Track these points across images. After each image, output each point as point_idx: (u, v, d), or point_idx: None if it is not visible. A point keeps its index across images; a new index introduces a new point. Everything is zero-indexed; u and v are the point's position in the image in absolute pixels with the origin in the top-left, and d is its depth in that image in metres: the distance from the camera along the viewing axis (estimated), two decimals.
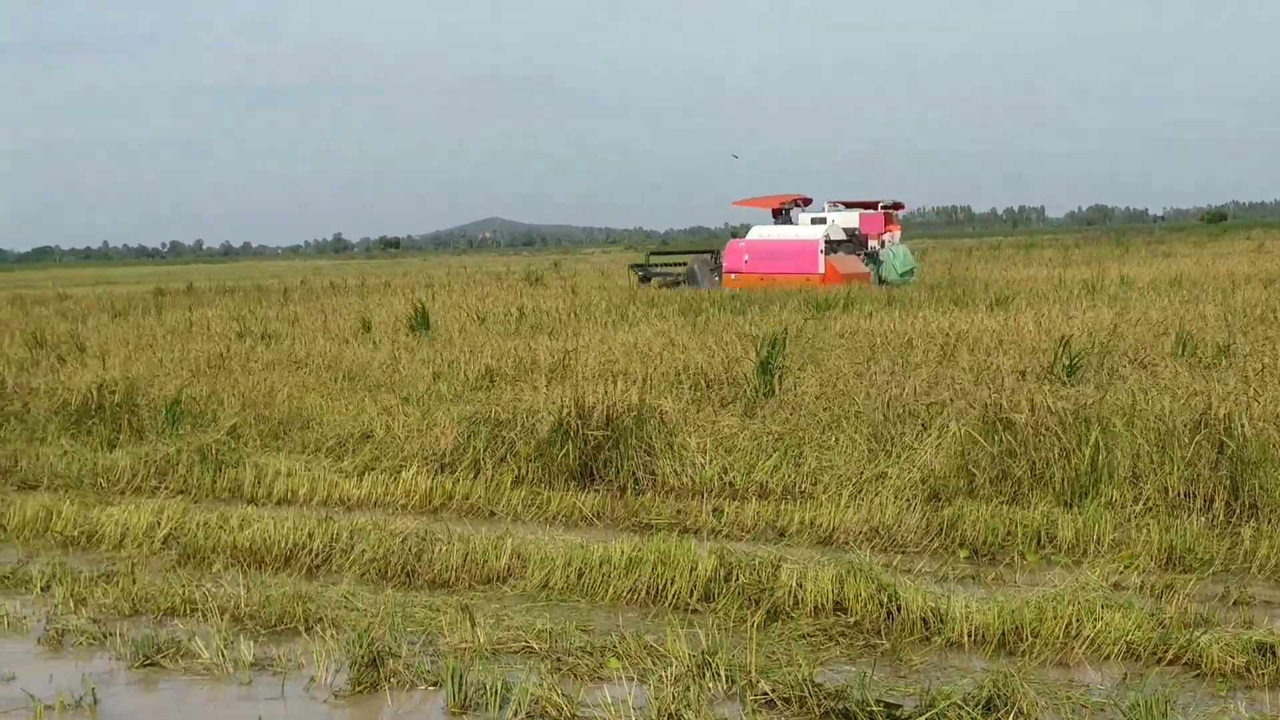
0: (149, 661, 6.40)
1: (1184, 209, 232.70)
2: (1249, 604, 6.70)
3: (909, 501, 8.63)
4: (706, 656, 5.79)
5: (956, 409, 9.79)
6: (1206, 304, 18.80)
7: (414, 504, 9.78)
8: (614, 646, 6.15)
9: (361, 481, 10.27)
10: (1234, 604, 6.69)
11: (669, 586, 7.08)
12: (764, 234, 35.39)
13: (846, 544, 7.96)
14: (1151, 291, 23.02)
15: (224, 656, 6.34)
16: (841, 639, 6.31)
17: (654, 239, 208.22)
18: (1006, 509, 8.28)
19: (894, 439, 9.57)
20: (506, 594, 7.38)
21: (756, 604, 6.74)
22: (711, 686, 5.61)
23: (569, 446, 9.93)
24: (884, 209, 36.91)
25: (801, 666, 5.66)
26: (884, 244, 35.65)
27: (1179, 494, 8.27)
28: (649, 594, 7.11)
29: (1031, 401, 9.23)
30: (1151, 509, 8.11)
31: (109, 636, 6.80)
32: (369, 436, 11.36)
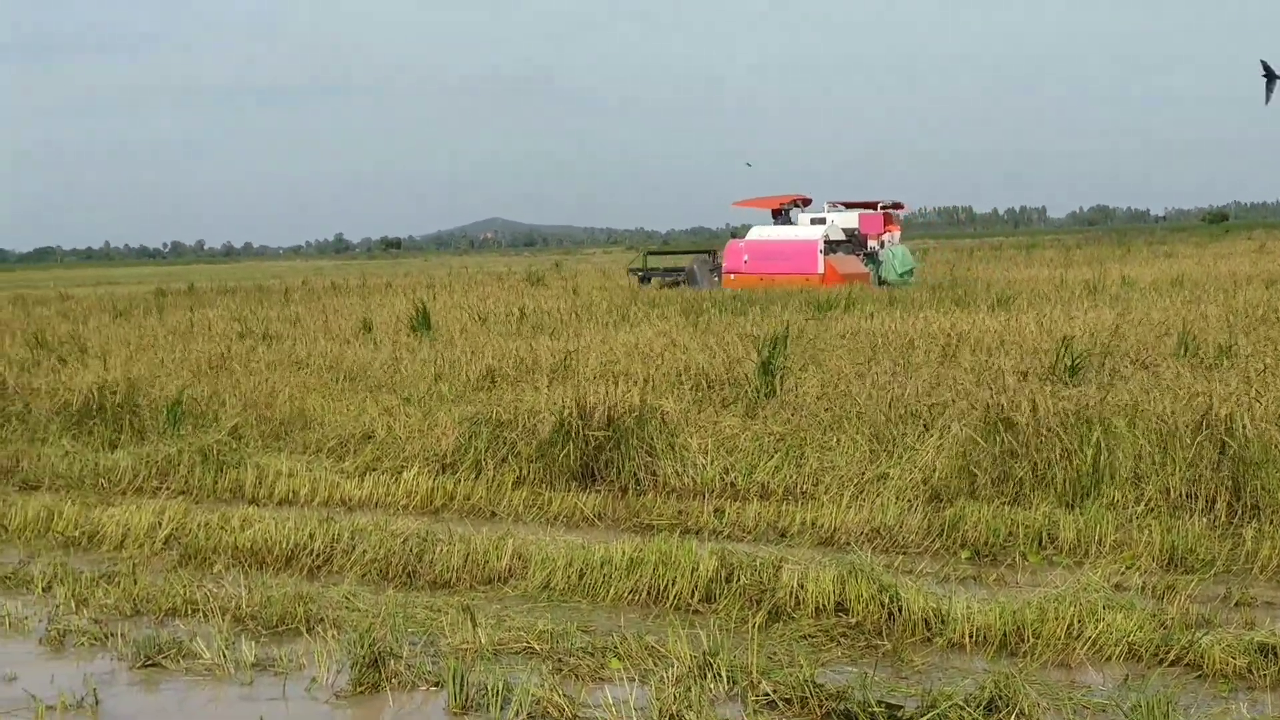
0: (150, 662, 6.41)
1: (1186, 209, 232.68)
2: (1251, 605, 6.70)
3: (910, 502, 8.62)
4: (708, 657, 5.79)
5: (958, 410, 9.78)
6: (1208, 304, 18.79)
7: (415, 504, 9.78)
8: (615, 647, 6.15)
9: (363, 482, 10.28)
10: (1236, 605, 6.68)
11: (670, 587, 7.08)
12: (763, 234, 35.42)
13: (848, 545, 7.96)
14: (1153, 292, 23.02)
15: (225, 657, 6.34)
16: (843, 640, 6.31)
17: (655, 239, 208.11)
18: (1008, 510, 8.28)
19: (895, 440, 9.57)
20: (508, 594, 7.37)
21: (758, 605, 6.73)
22: (713, 687, 5.61)
23: (570, 447, 9.93)
24: (883, 209, 36.96)
25: (803, 667, 5.66)
26: (883, 244, 35.70)
27: (1181, 495, 8.26)
28: (650, 595, 7.11)
29: (1033, 402, 9.22)
30: (1153, 510, 8.11)
31: (110, 637, 6.80)
32: (370, 437, 11.36)
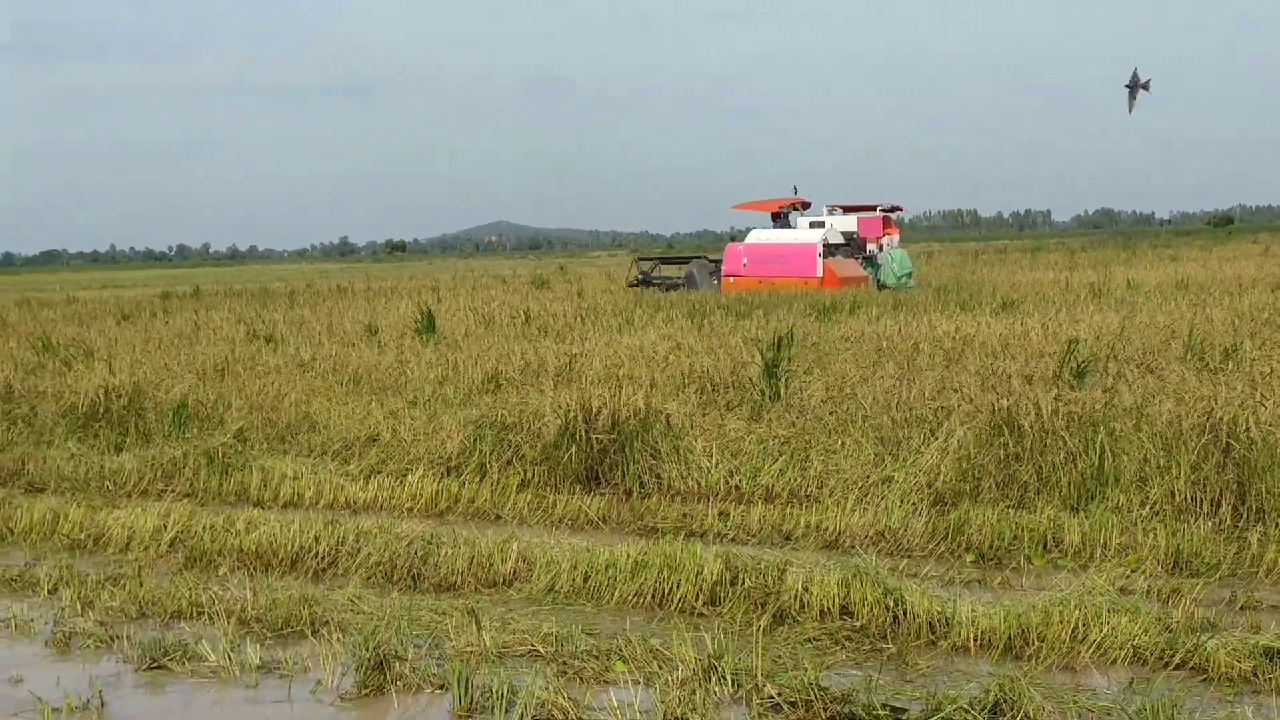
0: (156, 664, 6.42)
1: (1190, 212, 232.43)
2: (1256, 608, 6.69)
3: (915, 505, 8.62)
4: (712, 660, 5.79)
5: (963, 413, 9.77)
6: (1213, 308, 18.77)
7: (420, 507, 9.79)
8: (620, 650, 6.16)
9: (367, 485, 10.28)
10: (1241, 608, 6.68)
11: (675, 590, 7.08)
12: (762, 238, 35.44)
13: (852, 548, 7.96)
14: (1158, 295, 22.98)
15: (230, 659, 6.35)
16: (847, 643, 6.31)
17: (660, 242, 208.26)
18: (1013, 513, 8.27)
19: (900, 443, 9.56)
20: (512, 597, 7.38)
21: (762, 608, 6.73)
22: (717, 690, 5.61)
23: (575, 450, 9.94)
24: (882, 213, 37.00)
25: (807, 670, 5.66)
26: (882, 248, 35.74)
27: (1186, 498, 8.25)
28: (655, 597, 7.11)
29: (1038, 405, 9.22)
30: (1158, 513, 8.10)
31: (116, 639, 6.81)
32: (375, 440, 11.37)
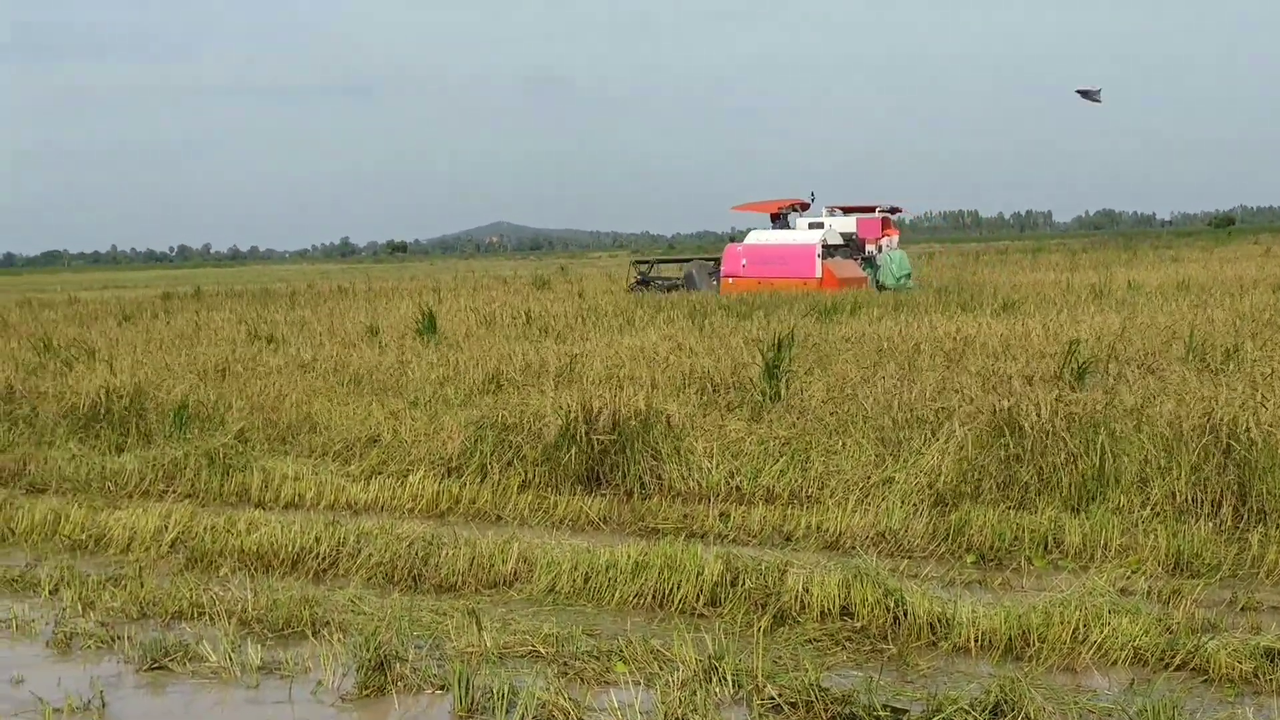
0: (157, 665, 6.42)
1: (1192, 213, 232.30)
2: (1257, 609, 6.69)
3: (916, 506, 8.62)
4: (713, 661, 5.79)
5: (964, 414, 9.77)
6: (1214, 309, 18.76)
7: (421, 508, 9.79)
8: (621, 651, 6.16)
9: (368, 485, 10.29)
10: (1242, 609, 6.67)
11: (676, 591, 7.08)
12: (761, 238, 35.46)
13: (853, 549, 7.96)
14: (1159, 296, 22.97)
15: (231, 660, 6.36)
16: (848, 644, 6.31)
17: (661, 243, 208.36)
18: (1013, 514, 8.27)
19: (901, 444, 9.56)
20: (513, 598, 7.38)
21: (763, 608, 6.74)
22: (718, 691, 5.61)
23: (575, 451, 9.94)
24: (881, 214, 37.03)
25: (808, 671, 5.66)
26: (881, 249, 35.78)
27: (1186, 499, 8.25)
28: (655, 598, 7.11)
29: (1038, 406, 9.22)
30: (1159, 514, 8.09)
31: (117, 640, 6.82)
32: (376, 440, 11.37)
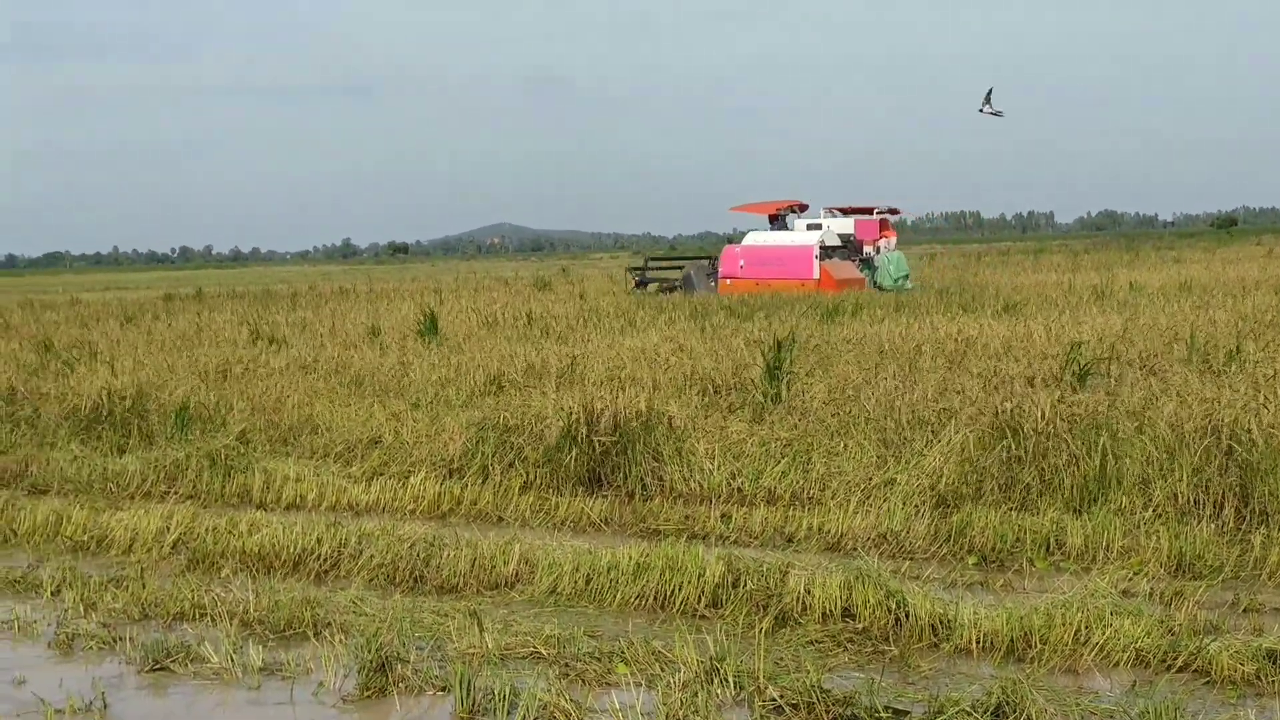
0: (158, 666, 6.42)
1: (1194, 214, 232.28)
2: (1259, 611, 6.68)
3: (917, 508, 8.61)
4: (714, 662, 5.79)
5: (966, 415, 9.77)
6: (1217, 310, 18.75)
7: (422, 509, 9.79)
8: (622, 652, 6.16)
9: (370, 487, 10.29)
10: (1244, 611, 6.67)
11: (677, 592, 7.08)
12: (759, 240, 35.49)
13: (855, 550, 7.96)
14: (1161, 297, 22.96)
15: (233, 661, 6.36)
16: (849, 645, 6.31)
17: (662, 244, 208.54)
18: (1015, 515, 8.27)
19: (903, 445, 9.56)
20: (514, 599, 7.38)
21: (764, 610, 6.73)
22: (720, 692, 5.61)
23: (577, 452, 9.94)
24: (879, 215, 37.07)
25: (809, 673, 5.66)
26: (879, 250, 35.83)
27: (1188, 500, 8.24)
28: (657, 600, 7.11)
29: (1040, 408, 9.21)
30: (1161, 515, 8.09)
31: (118, 641, 6.82)
32: (377, 442, 11.38)
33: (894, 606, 6.50)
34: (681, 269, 38.24)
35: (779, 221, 36.87)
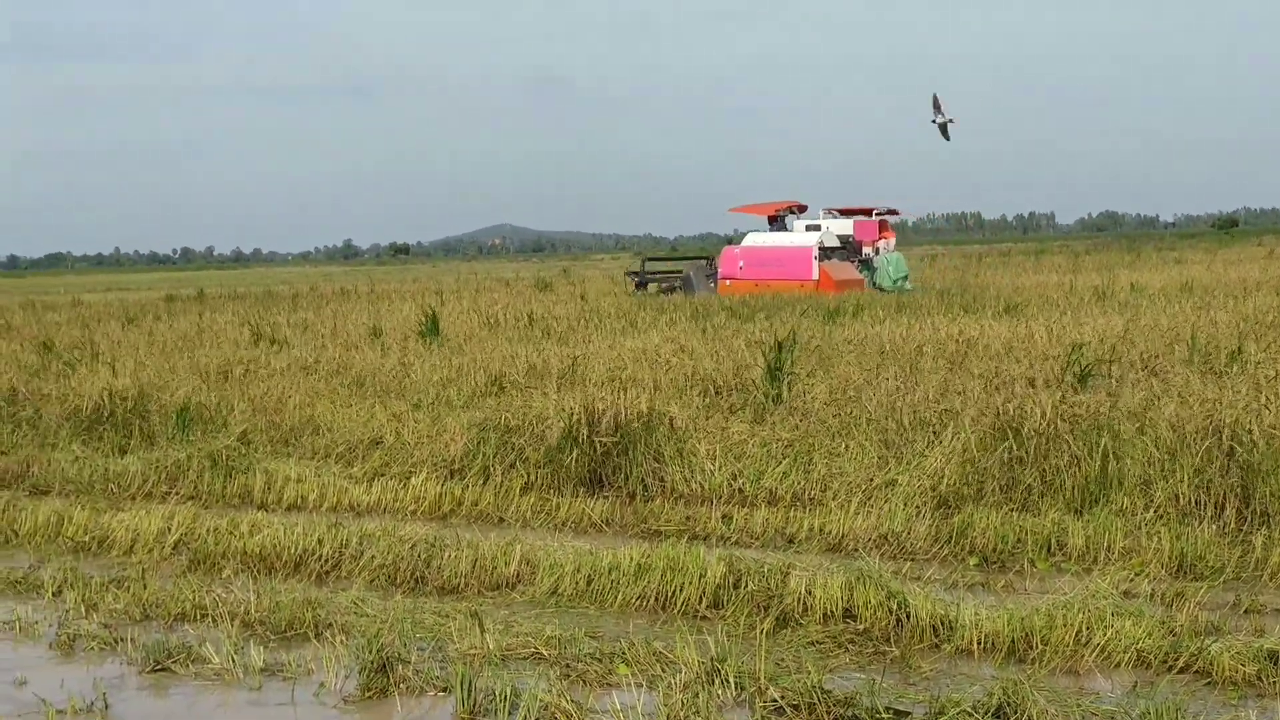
0: (159, 666, 6.42)
1: (1195, 215, 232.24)
2: (1260, 612, 6.68)
3: (919, 508, 8.61)
4: (716, 663, 5.79)
5: (967, 416, 9.77)
6: (1218, 311, 18.74)
7: (423, 510, 9.80)
8: (623, 653, 6.16)
9: (371, 487, 10.29)
10: (1245, 612, 6.67)
11: (678, 593, 7.08)
12: (759, 240, 35.53)
13: (856, 551, 7.96)
14: (1162, 298, 22.96)
15: (234, 662, 6.36)
16: (851, 646, 6.31)
17: (663, 245, 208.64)
18: (1016, 516, 8.26)
19: (904, 446, 9.56)
20: (516, 600, 7.38)
21: (766, 611, 6.73)
22: (721, 693, 5.61)
23: (578, 453, 9.94)
24: (878, 216, 37.10)
25: (811, 673, 5.66)
26: (878, 251, 35.87)
27: (1190, 501, 8.24)
28: (658, 600, 7.11)
29: (1042, 409, 9.21)
30: (1162, 516, 8.09)
31: (120, 641, 6.82)
32: (379, 443, 11.38)
33: (895, 607, 6.50)
34: (679, 270, 38.29)
35: (778, 223, 36.92)
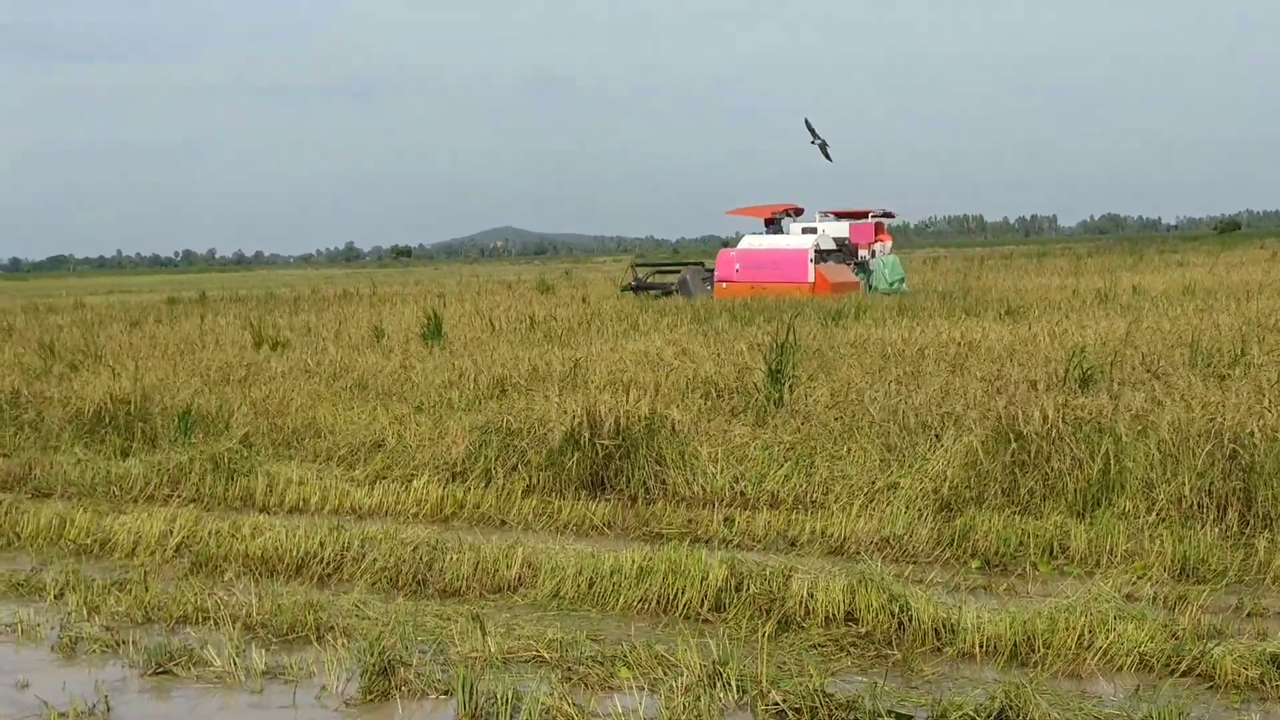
0: (161, 669, 6.42)
1: (1197, 218, 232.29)
2: (1263, 615, 6.67)
3: (921, 512, 8.61)
4: (717, 666, 5.79)
5: (969, 419, 9.77)
6: (1220, 313, 18.72)
7: (425, 513, 9.79)
8: (625, 656, 6.16)
9: (373, 490, 10.29)
10: (1248, 615, 6.66)
11: (680, 596, 7.08)
12: (755, 243, 35.53)
13: (858, 554, 7.95)
14: (1164, 301, 22.94)
15: (236, 664, 6.36)
16: (853, 649, 6.30)
17: (665, 247, 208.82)
18: (1018, 519, 8.26)
19: (906, 449, 9.56)
20: (517, 603, 7.38)
21: (767, 614, 6.73)
22: (722, 696, 5.61)
23: (580, 456, 9.94)
24: (874, 219, 37.10)
25: (812, 677, 5.66)
26: (874, 254, 35.88)
27: (1192, 504, 8.23)
28: (660, 603, 7.11)
29: (1044, 412, 9.21)
30: (1165, 519, 8.08)
31: (122, 644, 6.82)
32: (380, 445, 11.38)
33: (897, 610, 6.50)
34: (676, 273, 38.37)
35: (774, 225, 36.92)
